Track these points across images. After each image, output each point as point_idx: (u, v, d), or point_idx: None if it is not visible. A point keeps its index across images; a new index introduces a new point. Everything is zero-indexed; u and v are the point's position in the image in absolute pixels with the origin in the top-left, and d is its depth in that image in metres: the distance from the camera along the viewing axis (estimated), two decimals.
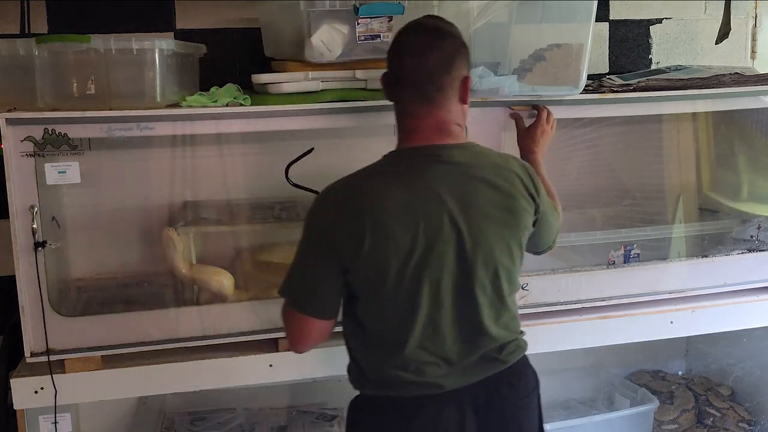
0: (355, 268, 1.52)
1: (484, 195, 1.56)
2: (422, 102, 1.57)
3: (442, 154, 1.57)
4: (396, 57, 1.60)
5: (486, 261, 1.55)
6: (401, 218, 1.51)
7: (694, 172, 2.66)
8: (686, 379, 2.91)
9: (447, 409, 1.57)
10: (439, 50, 1.55)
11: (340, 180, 1.61)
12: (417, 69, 1.55)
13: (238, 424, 2.38)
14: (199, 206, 2.32)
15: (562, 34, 2.08)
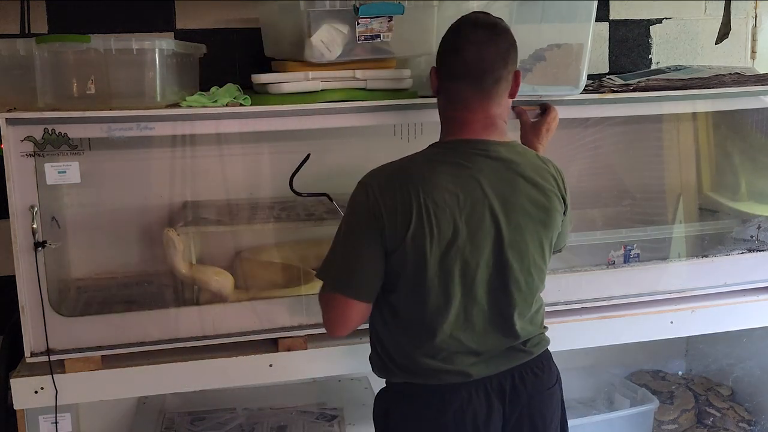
0: (398, 252, 1.55)
1: (524, 193, 1.61)
2: (478, 95, 1.61)
3: (489, 149, 1.61)
4: (453, 51, 1.63)
5: (522, 257, 1.60)
6: (446, 207, 1.54)
7: (694, 172, 2.66)
8: (686, 379, 2.91)
9: (475, 397, 1.61)
10: (496, 44, 1.61)
11: (386, 164, 1.63)
12: (476, 62, 1.60)
13: (238, 424, 2.37)
14: (199, 206, 2.32)
15: (562, 34, 2.08)
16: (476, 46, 1.60)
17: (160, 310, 2.05)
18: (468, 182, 1.58)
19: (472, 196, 1.57)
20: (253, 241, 2.37)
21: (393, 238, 1.54)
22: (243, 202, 2.36)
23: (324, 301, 1.64)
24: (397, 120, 2.07)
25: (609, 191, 2.62)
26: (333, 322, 1.64)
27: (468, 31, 1.63)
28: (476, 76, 1.60)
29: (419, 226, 1.53)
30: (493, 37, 1.61)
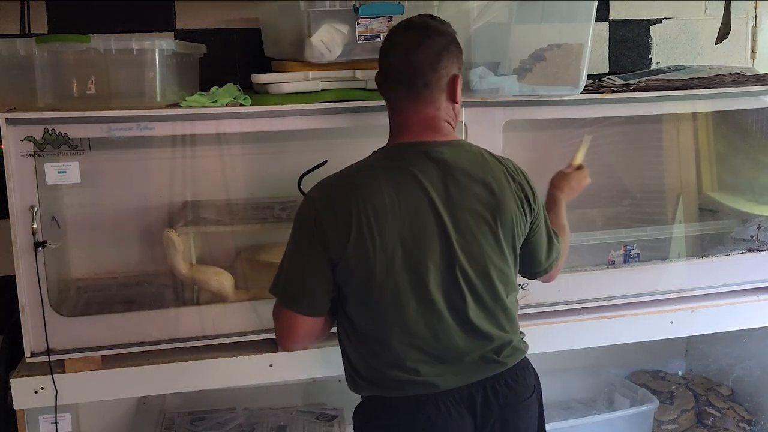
0: (343, 262, 1.52)
1: (471, 192, 1.56)
2: (409, 99, 1.58)
3: (430, 150, 1.57)
4: (385, 55, 1.61)
5: (474, 258, 1.55)
6: (387, 212, 1.51)
7: (694, 172, 2.66)
8: (686, 379, 2.91)
9: (444, 410, 1.56)
10: (424, 47, 1.56)
11: (330, 176, 1.62)
12: (403, 66, 1.56)
13: (238, 424, 2.38)
14: (199, 206, 2.32)
15: (562, 34, 2.08)
16: (403, 50, 1.57)
17: (160, 310, 2.05)
18: (409, 185, 1.54)
19: (414, 198, 1.53)
20: (253, 241, 2.37)
21: (335, 249, 1.51)
22: (243, 202, 2.36)
23: (274, 315, 1.62)
24: None
25: (609, 191, 2.62)
26: (282, 335, 1.62)
27: (398, 34, 1.60)
28: (405, 80, 1.57)
29: (359, 234, 1.50)
30: (424, 39, 1.56)
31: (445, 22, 1.63)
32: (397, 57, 1.58)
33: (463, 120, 2.06)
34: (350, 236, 1.50)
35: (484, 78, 2.02)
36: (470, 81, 2.01)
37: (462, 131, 2.07)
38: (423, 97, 1.58)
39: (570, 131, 2.46)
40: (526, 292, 2.18)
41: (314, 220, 1.53)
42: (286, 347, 1.65)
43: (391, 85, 1.61)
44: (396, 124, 1.63)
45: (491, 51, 2.05)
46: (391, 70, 1.59)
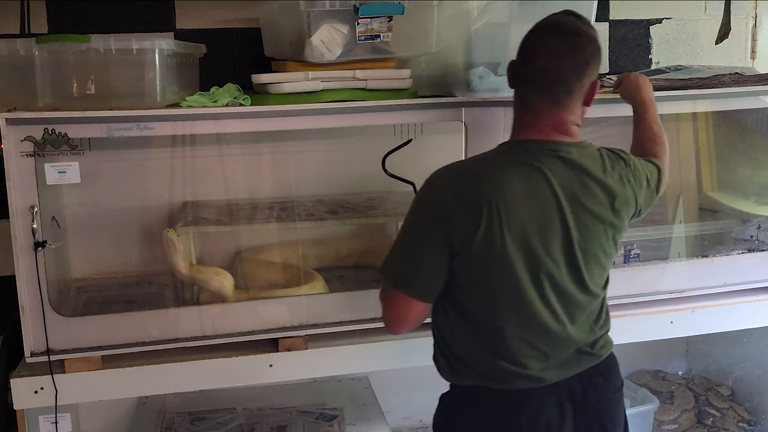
0: (466, 252, 1.52)
1: (594, 195, 1.59)
2: (547, 101, 1.57)
3: (560, 150, 1.58)
4: (529, 53, 1.58)
5: (588, 257, 1.59)
6: (516, 207, 1.52)
7: (694, 172, 2.66)
8: (686, 379, 2.91)
9: (548, 403, 1.59)
10: (575, 55, 1.55)
11: (455, 163, 1.62)
12: (549, 71, 1.55)
13: (238, 424, 2.37)
14: (199, 206, 2.32)
15: None
16: (552, 54, 1.55)
17: (160, 310, 2.05)
18: (538, 181, 1.55)
19: (542, 195, 1.54)
20: (253, 241, 2.37)
21: (461, 238, 1.51)
22: (243, 202, 2.37)
23: (384, 298, 1.62)
24: (397, 120, 2.07)
25: None
26: (393, 319, 1.61)
27: (545, 36, 1.57)
28: (546, 85, 1.56)
29: (489, 227, 1.50)
30: (575, 48, 1.55)
31: (591, 26, 1.61)
32: (543, 60, 1.55)
33: (462, 120, 2.06)
34: (480, 227, 1.50)
35: (484, 78, 2.02)
36: (470, 81, 2.01)
37: (462, 131, 2.07)
38: (562, 103, 1.57)
39: None
40: None
41: (441, 207, 1.53)
42: (395, 330, 1.63)
43: (529, 86, 1.59)
44: (524, 121, 1.61)
45: (491, 51, 2.05)
46: (534, 72, 1.57)
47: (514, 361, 1.58)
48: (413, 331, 2.08)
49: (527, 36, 1.59)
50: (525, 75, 1.59)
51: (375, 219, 2.36)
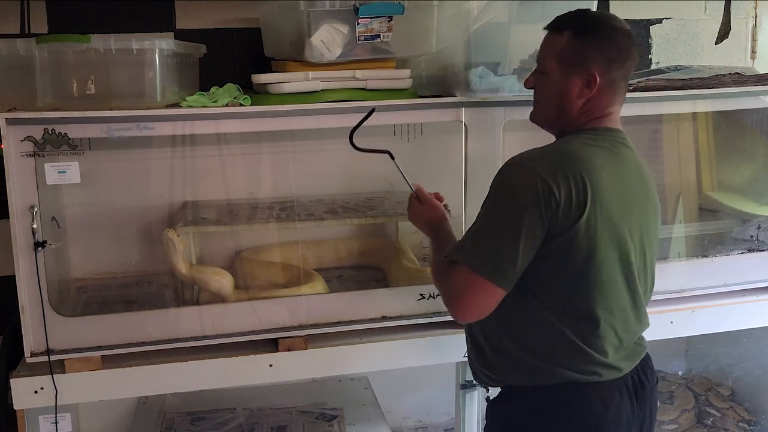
0: (565, 236, 1.51)
1: (648, 183, 1.67)
2: (621, 96, 1.66)
3: (626, 138, 1.66)
4: (626, 56, 1.63)
5: (651, 245, 1.65)
6: (612, 193, 1.55)
7: (694, 172, 2.66)
8: (686, 379, 2.91)
9: (625, 396, 1.61)
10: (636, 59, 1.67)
11: (535, 149, 1.59)
12: (630, 70, 1.66)
13: (238, 424, 2.38)
14: (199, 206, 2.32)
15: None
16: (635, 57, 1.66)
17: (160, 310, 2.05)
18: (620, 167, 1.60)
19: (625, 180, 1.59)
20: (253, 241, 2.37)
21: (564, 222, 1.50)
22: (243, 202, 2.37)
23: (464, 283, 1.53)
24: (397, 120, 2.07)
25: None
26: (470, 307, 1.54)
27: (632, 40, 1.64)
28: (625, 81, 1.66)
29: (593, 210, 1.51)
30: (635, 46, 1.68)
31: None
32: (633, 62, 1.65)
33: (462, 120, 2.06)
34: (586, 210, 1.50)
35: (484, 78, 2.02)
36: (470, 81, 2.01)
37: (462, 131, 2.07)
38: (624, 99, 1.68)
39: None
40: None
41: (543, 191, 1.49)
42: (466, 319, 1.59)
43: (616, 84, 1.63)
44: (599, 110, 1.64)
45: (491, 51, 2.05)
46: (625, 69, 1.64)
47: (600, 350, 1.58)
48: (412, 331, 2.09)
49: (617, 40, 1.62)
50: (617, 72, 1.62)
51: (375, 219, 2.36)
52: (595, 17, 1.67)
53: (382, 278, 2.35)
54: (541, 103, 1.70)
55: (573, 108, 1.63)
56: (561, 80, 1.63)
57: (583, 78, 1.60)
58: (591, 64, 1.59)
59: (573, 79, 1.61)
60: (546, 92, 1.67)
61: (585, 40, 1.60)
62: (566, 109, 1.64)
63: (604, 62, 1.60)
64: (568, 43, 1.61)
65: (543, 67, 1.66)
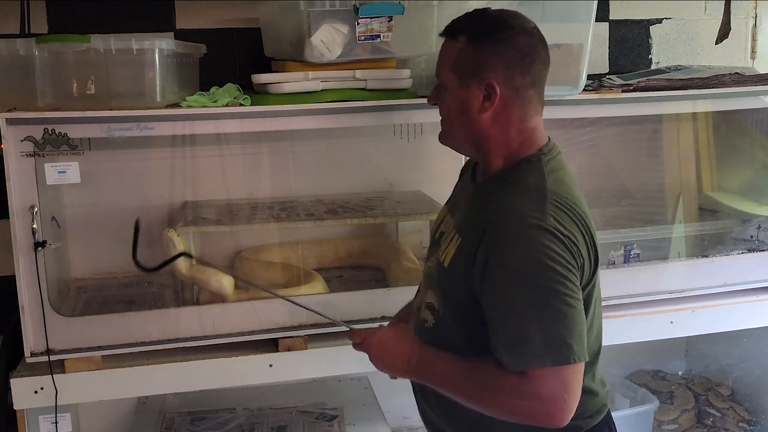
0: (589, 285, 1.43)
1: None
2: (541, 104, 1.49)
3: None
4: (531, 59, 1.43)
5: None
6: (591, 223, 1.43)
7: (694, 172, 2.66)
8: (686, 379, 2.91)
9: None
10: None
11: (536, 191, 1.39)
12: (540, 76, 1.46)
13: (238, 424, 2.37)
14: (199, 206, 2.32)
15: (562, 34, 2.08)
16: (545, 54, 1.47)
17: (160, 310, 2.05)
18: (577, 188, 1.47)
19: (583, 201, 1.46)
20: (253, 241, 2.37)
21: (588, 274, 1.40)
22: (243, 202, 2.36)
23: (560, 383, 1.31)
24: (397, 120, 2.07)
25: (609, 191, 2.62)
26: (574, 401, 1.33)
27: (535, 39, 1.46)
28: (543, 86, 1.48)
29: (596, 251, 1.42)
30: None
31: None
32: (542, 65, 1.45)
33: None
34: (594, 255, 1.42)
35: None
36: None
37: None
38: (542, 108, 1.50)
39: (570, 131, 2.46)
40: None
41: (572, 250, 1.34)
42: (562, 416, 1.33)
43: (524, 92, 1.43)
44: (534, 127, 1.46)
45: None
46: (533, 75, 1.44)
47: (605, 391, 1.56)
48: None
49: (518, 42, 1.43)
50: (534, 80, 1.44)
51: (375, 219, 2.35)
52: (493, 17, 1.45)
53: (382, 278, 2.35)
54: (446, 122, 1.50)
55: (482, 126, 1.43)
56: (460, 94, 1.43)
57: (481, 89, 1.41)
58: (489, 72, 1.40)
59: (472, 91, 1.42)
60: (447, 109, 1.48)
61: (481, 46, 1.41)
62: (475, 129, 1.44)
63: (503, 69, 1.40)
64: (463, 49, 1.42)
65: (441, 80, 1.47)
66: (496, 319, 1.35)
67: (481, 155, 1.49)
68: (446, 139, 1.52)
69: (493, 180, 1.47)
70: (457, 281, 1.41)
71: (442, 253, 1.48)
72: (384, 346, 1.49)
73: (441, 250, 1.49)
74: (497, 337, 1.35)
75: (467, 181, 1.59)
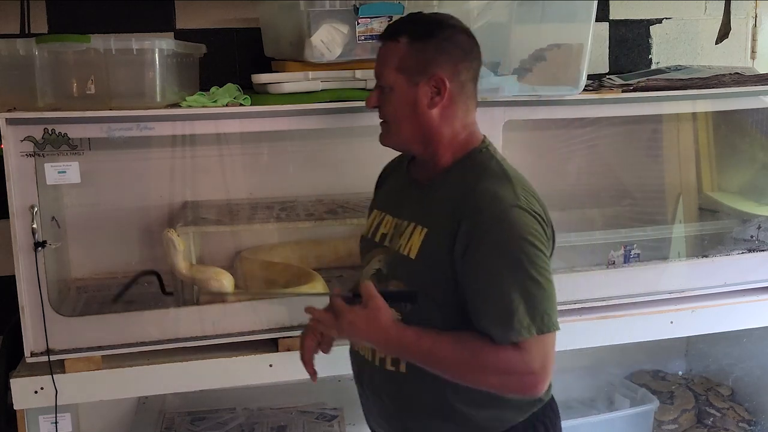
0: (550, 260, 1.49)
1: None
2: (476, 103, 1.56)
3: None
4: (472, 56, 1.52)
5: None
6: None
7: (694, 172, 2.66)
8: (686, 379, 2.91)
9: None
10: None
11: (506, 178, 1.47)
12: (477, 73, 1.54)
13: (238, 424, 2.38)
14: (199, 206, 2.32)
15: (562, 34, 2.08)
16: (478, 51, 1.54)
17: (160, 310, 2.05)
18: None
19: None
20: (253, 241, 2.37)
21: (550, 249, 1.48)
22: (243, 202, 2.36)
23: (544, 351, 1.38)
24: None
25: (609, 191, 2.63)
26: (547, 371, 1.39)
27: (470, 36, 1.54)
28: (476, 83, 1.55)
29: (552, 228, 1.50)
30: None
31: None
32: (479, 62, 1.54)
33: None
34: (552, 232, 1.50)
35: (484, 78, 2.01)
36: None
37: None
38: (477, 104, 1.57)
39: (570, 131, 2.46)
40: None
41: (546, 230, 1.45)
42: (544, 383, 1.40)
43: (467, 87, 1.52)
44: (474, 121, 1.56)
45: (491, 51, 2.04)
46: (473, 71, 1.53)
47: None
48: None
49: (458, 39, 1.50)
50: (474, 77, 1.53)
51: None
52: (432, 18, 1.52)
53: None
54: (392, 123, 1.53)
55: (431, 121, 1.49)
56: (408, 92, 1.48)
57: (430, 85, 1.47)
58: (436, 68, 1.47)
59: (420, 87, 1.48)
60: (394, 109, 1.51)
61: (426, 44, 1.47)
62: (424, 126, 1.50)
63: (450, 64, 1.47)
64: (407, 49, 1.47)
65: (385, 82, 1.51)
66: (481, 296, 1.40)
67: (429, 152, 1.54)
68: (390, 139, 1.56)
69: (447, 172, 1.52)
70: (429, 269, 1.46)
71: (403, 248, 1.51)
72: (356, 330, 1.46)
73: (399, 245, 1.52)
74: (484, 313, 1.40)
75: (402, 180, 1.63)
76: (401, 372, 1.52)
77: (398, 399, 1.55)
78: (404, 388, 1.53)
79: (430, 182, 1.54)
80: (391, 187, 1.69)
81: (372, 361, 1.58)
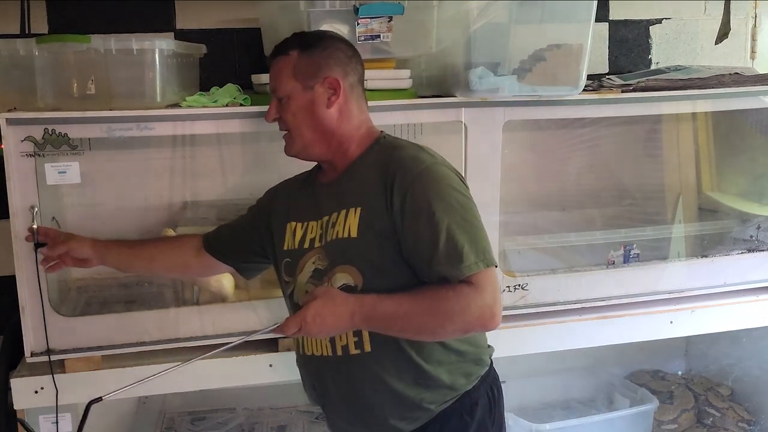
0: None
1: None
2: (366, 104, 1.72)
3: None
4: (356, 61, 1.68)
5: None
6: None
7: (694, 172, 2.66)
8: (686, 379, 2.91)
9: None
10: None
11: (418, 146, 1.63)
12: (362, 77, 1.70)
13: (238, 424, 2.38)
14: (199, 206, 2.32)
15: (562, 34, 2.08)
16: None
17: (160, 310, 2.05)
18: None
19: None
20: None
21: None
22: (243, 202, 2.36)
23: (488, 285, 1.48)
24: (397, 120, 2.07)
25: (609, 191, 2.63)
26: (498, 303, 1.49)
27: (350, 45, 1.70)
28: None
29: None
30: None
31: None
32: (362, 68, 1.70)
33: (462, 120, 2.06)
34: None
35: (484, 78, 2.02)
36: (470, 81, 2.01)
37: (462, 131, 2.07)
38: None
39: (570, 131, 2.46)
40: (526, 292, 2.18)
41: (464, 182, 1.59)
42: (499, 315, 1.50)
43: (357, 88, 1.67)
44: (368, 118, 1.71)
45: (491, 51, 2.05)
46: (359, 74, 1.68)
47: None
48: None
49: (343, 45, 1.67)
50: (360, 79, 1.68)
51: None
52: (314, 32, 1.72)
53: None
54: (293, 129, 1.66)
55: (330, 121, 1.63)
56: (305, 96, 1.62)
57: (325, 86, 1.62)
58: (327, 70, 1.62)
59: (316, 90, 1.62)
60: (293, 115, 1.64)
61: (313, 52, 1.62)
62: (325, 125, 1.63)
63: (339, 67, 1.63)
64: (299, 59, 1.62)
65: (281, 93, 1.64)
66: (427, 243, 1.49)
67: (333, 148, 1.65)
68: (294, 146, 1.68)
69: (360, 158, 1.63)
70: (374, 239, 1.54)
71: (341, 232, 1.56)
72: (321, 319, 1.49)
73: (335, 233, 1.57)
74: (434, 258, 1.48)
75: (314, 189, 1.71)
76: (367, 352, 1.57)
77: (367, 380, 1.58)
78: (373, 368, 1.57)
79: (345, 173, 1.64)
80: (304, 198, 1.73)
81: (333, 354, 1.60)
